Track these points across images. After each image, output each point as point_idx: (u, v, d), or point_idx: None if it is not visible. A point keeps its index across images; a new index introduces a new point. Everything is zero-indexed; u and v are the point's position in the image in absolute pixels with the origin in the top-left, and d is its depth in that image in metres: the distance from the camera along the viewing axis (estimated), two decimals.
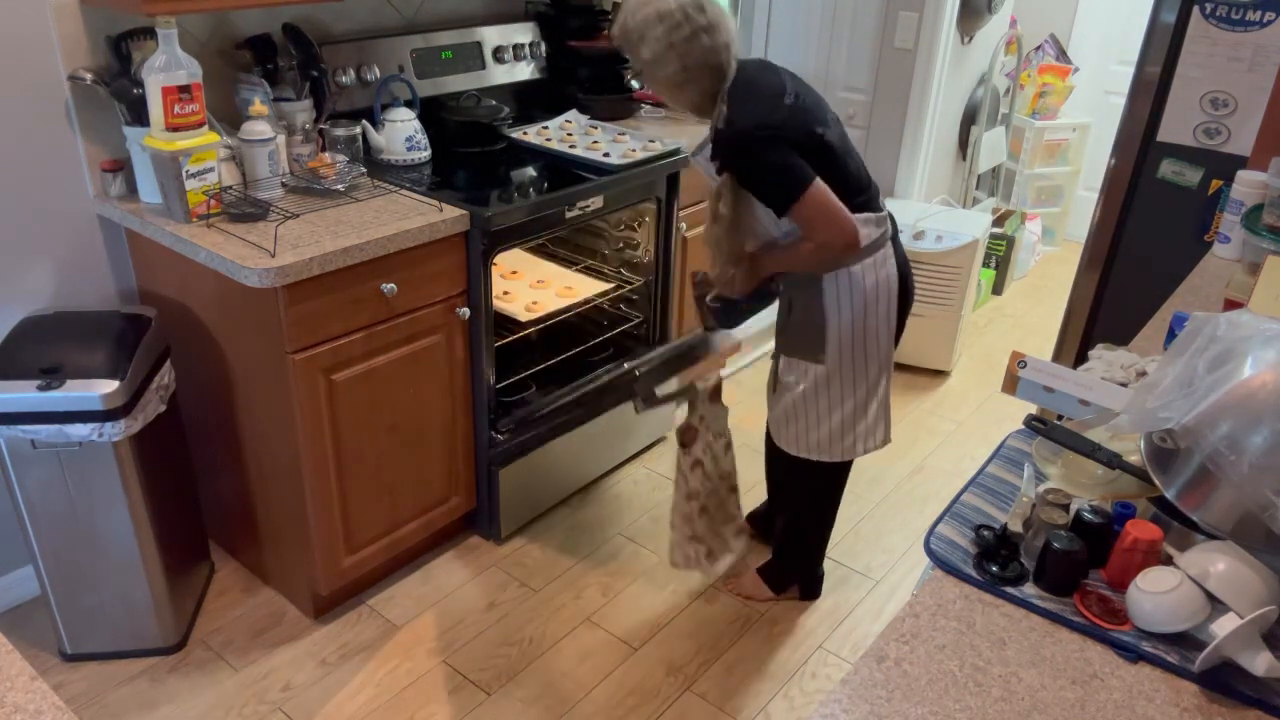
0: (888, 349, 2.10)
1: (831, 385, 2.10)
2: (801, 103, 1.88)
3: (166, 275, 2.21)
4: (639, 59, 1.90)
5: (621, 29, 1.91)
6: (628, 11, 1.89)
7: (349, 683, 2.20)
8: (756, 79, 1.89)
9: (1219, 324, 1.22)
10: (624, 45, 1.92)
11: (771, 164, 1.84)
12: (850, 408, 2.13)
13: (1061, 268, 4.63)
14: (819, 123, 1.88)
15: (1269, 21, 2.32)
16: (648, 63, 1.89)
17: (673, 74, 1.88)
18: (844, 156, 1.94)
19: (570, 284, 2.83)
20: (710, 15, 1.85)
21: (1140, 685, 1.06)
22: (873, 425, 2.16)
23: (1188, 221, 2.53)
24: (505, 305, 2.66)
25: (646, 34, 1.85)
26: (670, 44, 1.84)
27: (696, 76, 1.88)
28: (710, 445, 2.26)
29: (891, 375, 2.16)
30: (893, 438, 2.26)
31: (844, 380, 2.10)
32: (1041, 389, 1.45)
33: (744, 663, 2.30)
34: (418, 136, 2.50)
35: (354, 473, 2.23)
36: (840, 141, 1.94)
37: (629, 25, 1.88)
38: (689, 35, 1.83)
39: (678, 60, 1.86)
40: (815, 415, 2.14)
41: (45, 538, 2.05)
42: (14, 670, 1.02)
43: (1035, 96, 4.59)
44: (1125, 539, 1.17)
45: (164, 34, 1.92)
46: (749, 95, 1.87)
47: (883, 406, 2.16)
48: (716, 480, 2.30)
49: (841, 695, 1.02)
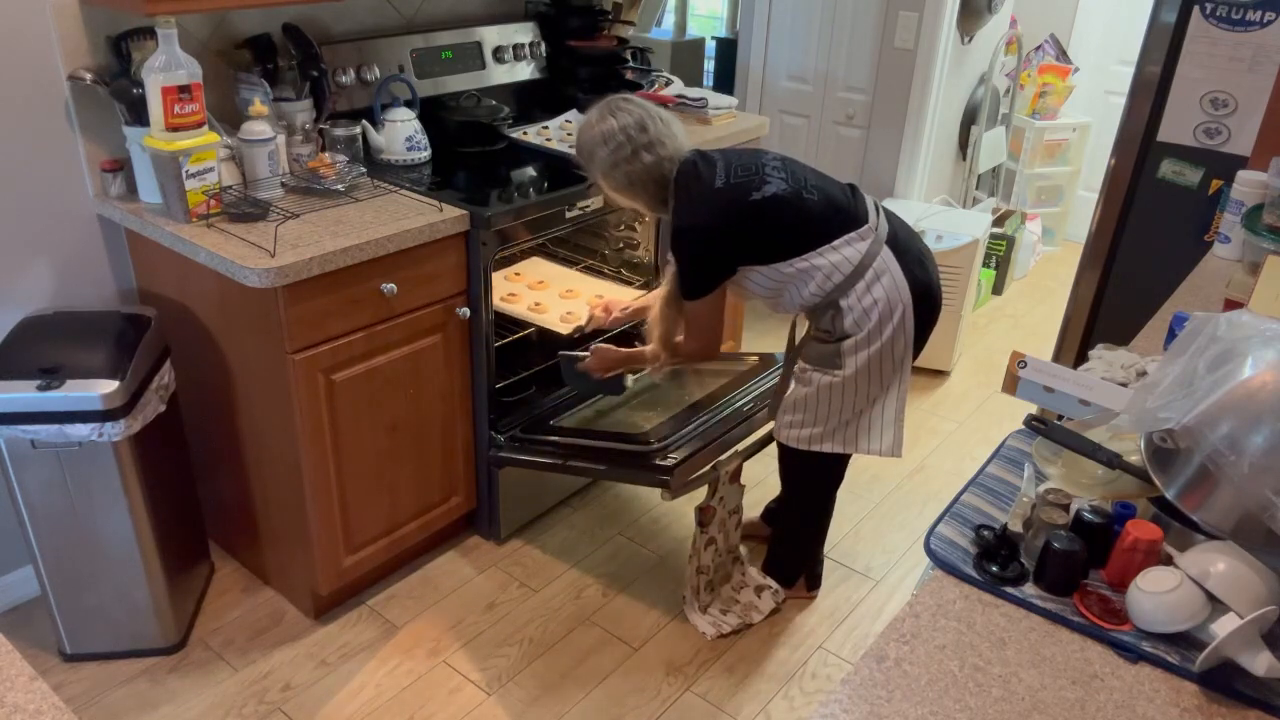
0: (903, 357, 2.09)
1: (846, 392, 2.10)
2: (732, 180, 2.01)
3: (166, 275, 2.21)
4: (593, 170, 2.10)
5: (576, 146, 2.13)
6: (579, 132, 2.10)
7: (349, 683, 2.20)
8: (691, 175, 2.04)
9: (1219, 324, 1.22)
10: (579, 160, 2.13)
11: (691, 258, 2.05)
12: (858, 412, 2.12)
13: (1061, 268, 4.63)
14: (754, 188, 2.00)
15: (1269, 21, 2.32)
16: (600, 174, 2.09)
17: (620, 186, 2.08)
18: (797, 200, 2.01)
19: (600, 292, 2.73)
20: (652, 133, 2.03)
21: (1140, 685, 1.06)
22: (880, 428, 2.14)
23: (1188, 221, 2.53)
24: (539, 317, 2.58)
25: (595, 153, 2.06)
26: (614, 162, 2.04)
27: (643, 184, 2.06)
28: (724, 522, 2.38)
29: (908, 385, 2.13)
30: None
31: (858, 390, 2.09)
32: (1041, 389, 1.45)
33: (744, 663, 2.31)
34: (418, 136, 2.50)
35: (354, 473, 2.23)
36: (790, 186, 2.02)
37: (580, 144, 2.10)
38: (630, 154, 2.02)
39: (623, 176, 2.05)
40: (817, 414, 2.14)
41: (45, 538, 2.05)
42: (14, 670, 1.02)
43: (1035, 96, 4.59)
44: (1125, 539, 1.17)
45: (164, 34, 1.92)
46: (683, 195, 2.03)
47: (894, 414, 2.13)
48: (726, 556, 2.45)
49: (841, 695, 1.02)
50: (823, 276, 2.01)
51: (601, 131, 2.04)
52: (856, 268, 2.01)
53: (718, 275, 2.06)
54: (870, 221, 2.05)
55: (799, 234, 2.01)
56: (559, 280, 2.81)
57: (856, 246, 2.02)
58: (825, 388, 2.10)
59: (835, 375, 2.08)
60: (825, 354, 2.09)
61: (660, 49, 4.83)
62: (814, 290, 2.03)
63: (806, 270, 2.02)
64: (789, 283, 2.05)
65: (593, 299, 2.66)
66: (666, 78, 3.20)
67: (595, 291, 2.74)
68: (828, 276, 2.01)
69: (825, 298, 2.03)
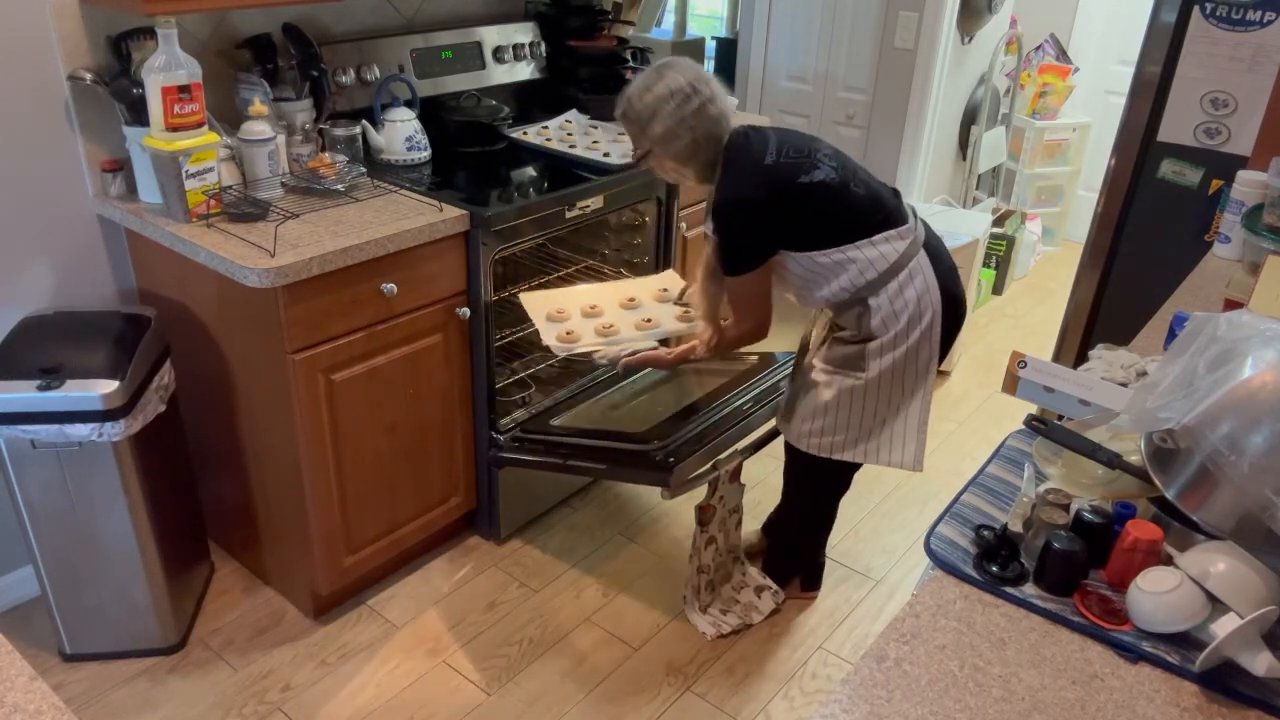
0: (928, 365, 2.05)
1: (868, 397, 2.06)
2: (782, 160, 1.96)
3: (166, 275, 2.21)
4: (650, 136, 1.98)
5: (630, 110, 2.00)
6: (634, 94, 1.98)
7: (349, 683, 2.20)
8: (741, 148, 1.98)
9: (1219, 324, 1.22)
10: (633, 126, 2.01)
11: (731, 232, 1.98)
12: (881, 420, 2.09)
13: (1061, 268, 4.63)
14: (804, 171, 1.95)
15: (1269, 21, 2.32)
16: (659, 138, 1.97)
17: (684, 147, 1.98)
18: (844, 190, 1.97)
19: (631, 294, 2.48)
20: (712, 88, 1.97)
21: (1140, 685, 1.06)
22: (904, 439, 2.10)
23: (1188, 221, 2.53)
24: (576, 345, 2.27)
25: (659, 110, 1.95)
26: (682, 118, 1.94)
27: (704, 147, 1.98)
28: (724, 521, 2.37)
29: (931, 395, 2.09)
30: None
31: (880, 396, 2.06)
32: (1041, 389, 1.45)
33: (744, 663, 2.30)
34: (418, 136, 2.50)
35: (354, 473, 2.23)
36: (839, 176, 1.97)
37: (639, 106, 1.97)
38: (697, 108, 1.94)
39: (689, 133, 1.96)
40: (838, 421, 2.09)
41: (45, 538, 2.05)
42: (14, 670, 1.02)
43: (1035, 96, 4.59)
44: (1125, 539, 1.17)
45: (164, 34, 1.92)
46: (731, 166, 1.98)
47: (917, 424, 2.09)
48: (726, 556, 2.43)
49: (841, 695, 1.02)
50: (856, 271, 1.97)
51: (668, 87, 1.94)
52: (892, 266, 1.97)
53: (758, 253, 1.99)
54: (910, 223, 2.03)
55: (839, 224, 1.97)
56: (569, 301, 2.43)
57: (894, 244, 1.98)
58: (847, 392, 2.06)
59: (858, 378, 2.04)
60: (848, 356, 2.05)
61: (660, 49, 4.81)
62: (845, 284, 1.99)
63: (841, 263, 1.97)
64: (822, 274, 2.00)
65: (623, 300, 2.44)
66: None
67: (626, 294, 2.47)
68: (861, 272, 1.97)
69: (854, 294, 1.99)
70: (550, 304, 2.40)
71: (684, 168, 2.04)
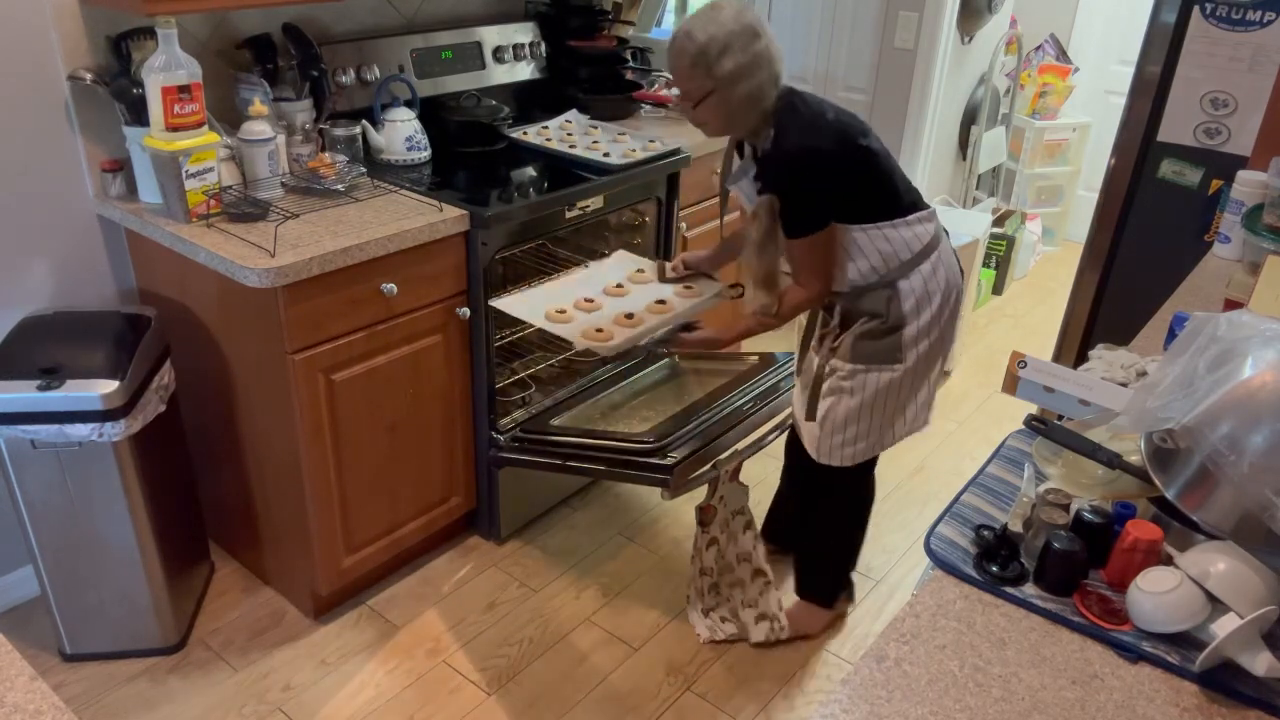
0: (950, 345, 2.06)
1: (902, 388, 2.02)
2: (842, 119, 1.90)
3: (166, 275, 2.21)
4: (716, 75, 1.82)
5: (691, 45, 1.81)
6: (696, 28, 1.81)
7: (349, 683, 2.20)
8: (797, 101, 1.90)
9: (1219, 324, 1.22)
10: (697, 64, 1.82)
11: (804, 191, 1.88)
12: (901, 405, 2.06)
13: (1061, 268, 4.63)
14: (860, 134, 1.91)
15: (1269, 21, 2.32)
16: (728, 77, 1.82)
17: (754, 88, 1.84)
18: (889, 163, 1.95)
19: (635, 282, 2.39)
20: (769, 32, 1.87)
21: (1140, 685, 1.06)
22: (915, 411, 2.09)
23: (1188, 221, 2.53)
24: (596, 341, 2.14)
25: (732, 44, 1.80)
26: (755, 54, 1.82)
27: (767, 92, 1.87)
28: (728, 523, 2.32)
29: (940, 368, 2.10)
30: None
31: (913, 384, 2.03)
32: (1041, 389, 1.45)
33: (744, 663, 2.30)
34: (418, 136, 2.50)
35: (354, 473, 2.23)
36: (884, 148, 1.96)
37: (703, 39, 1.80)
38: (765, 46, 1.84)
39: (760, 71, 1.83)
40: (871, 423, 2.05)
41: (45, 538, 2.04)
42: (14, 670, 1.02)
43: (1035, 96, 4.59)
44: (1125, 539, 1.17)
45: (164, 34, 1.92)
46: (795, 116, 1.88)
47: (927, 397, 2.09)
48: (734, 561, 2.35)
49: (841, 695, 1.02)
50: (890, 251, 1.93)
51: (736, 21, 1.80)
52: (925, 247, 1.95)
53: (829, 208, 1.89)
54: (932, 207, 2.02)
55: (881, 199, 1.92)
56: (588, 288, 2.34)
57: (926, 226, 1.96)
58: (884, 388, 2.00)
59: (895, 370, 1.98)
60: (881, 349, 1.98)
61: (660, 49, 4.80)
62: (874, 265, 1.94)
63: (877, 239, 1.92)
64: (853, 252, 1.94)
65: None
66: (667, 78, 3.20)
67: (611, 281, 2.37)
68: (895, 252, 1.93)
69: (881, 278, 1.95)
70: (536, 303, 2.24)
71: (742, 114, 1.88)
